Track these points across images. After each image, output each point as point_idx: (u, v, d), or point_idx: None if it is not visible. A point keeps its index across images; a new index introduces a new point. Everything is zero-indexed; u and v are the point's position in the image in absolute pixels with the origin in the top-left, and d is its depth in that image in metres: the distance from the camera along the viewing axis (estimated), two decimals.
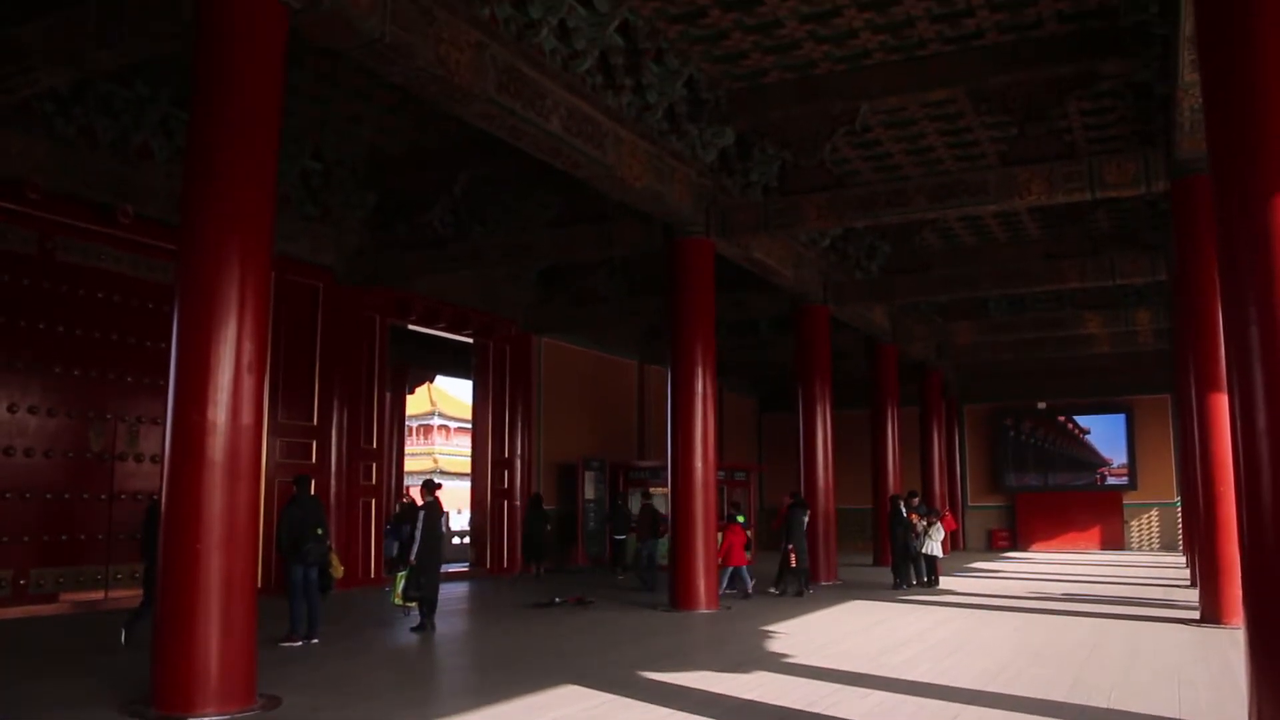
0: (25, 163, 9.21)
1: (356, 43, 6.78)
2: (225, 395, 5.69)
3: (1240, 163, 4.39)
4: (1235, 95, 4.42)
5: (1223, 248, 4.52)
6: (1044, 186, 9.95)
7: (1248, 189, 4.34)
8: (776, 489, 25.13)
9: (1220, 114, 4.54)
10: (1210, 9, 4.60)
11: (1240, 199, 4.38)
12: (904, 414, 19.40)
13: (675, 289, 11.25)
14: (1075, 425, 24.99)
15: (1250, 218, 4.31)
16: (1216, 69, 4.57)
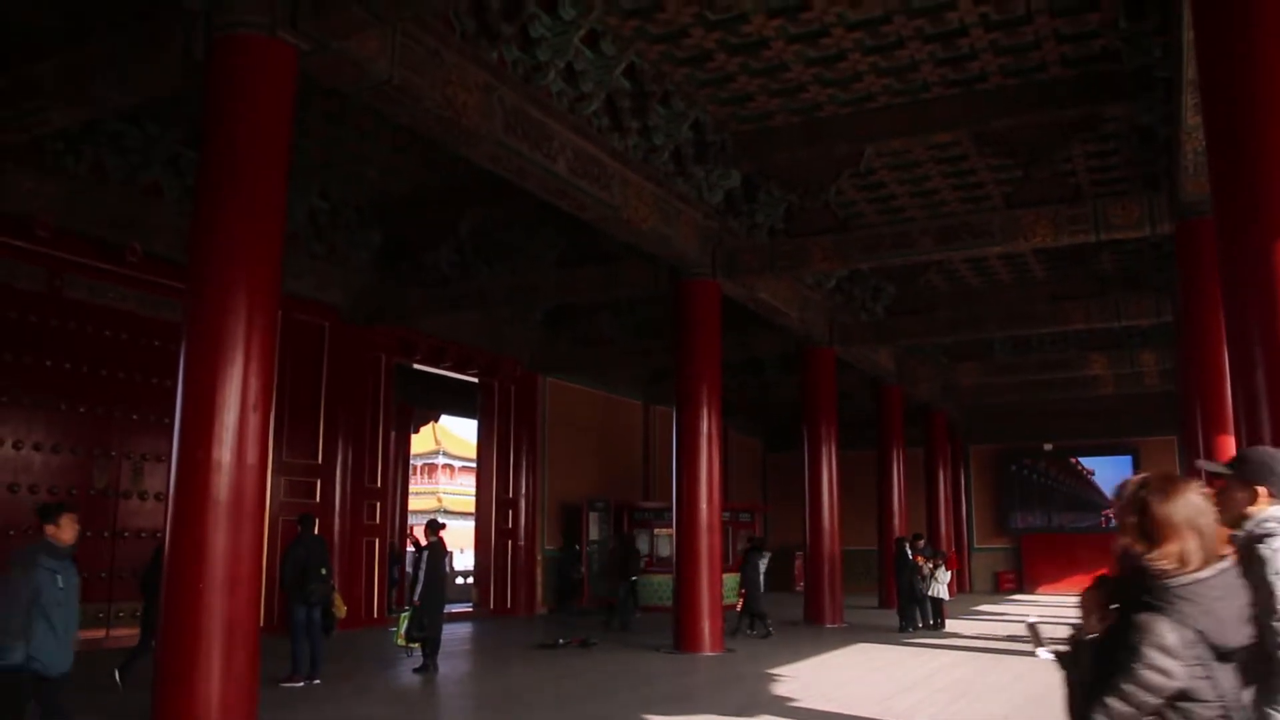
0: (36, 200, 9.29)
1: (365, 84, 6.85)
2: (230, 434, 5.70)
3: (1243, 206, 4.41)
4: (1237, 139, 4.45)
5: (1227, 291, 4.52)
6: (1049, 229, 9.99)
7: (1251, 232, 4.35)
8: (782, 530, 25.00)
9: (1223, 158, 4.56)
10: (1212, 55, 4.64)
11: (1244, 242, 4.39)
12: (909, 455, 19.32)
13: (681, 330, 11.28)
14: (1081, 467, 24.89)
15: (1254, 262, 4.31)
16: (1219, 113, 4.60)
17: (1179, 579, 1.87)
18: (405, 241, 13.21)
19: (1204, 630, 1.84)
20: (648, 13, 8.35)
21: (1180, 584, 1.87)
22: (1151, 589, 1.88)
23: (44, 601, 4.56)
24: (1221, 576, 1.91)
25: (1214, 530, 1.96)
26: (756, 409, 23.79)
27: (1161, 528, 1.93)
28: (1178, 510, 1.95)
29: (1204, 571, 1.89)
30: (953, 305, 15.87)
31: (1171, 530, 1.92)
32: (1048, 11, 8.34)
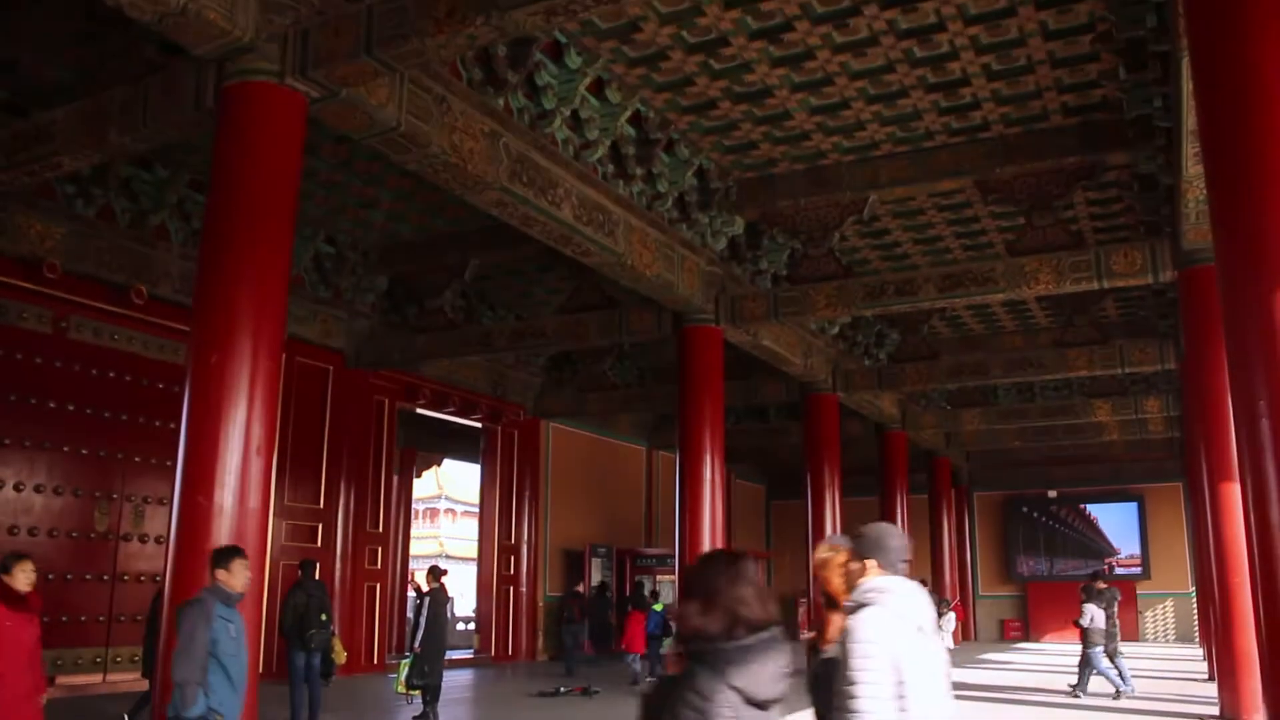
0: (45, 243, 9.38)
1: (372, 131, 6.92)
2: (233, 478, 5.68)
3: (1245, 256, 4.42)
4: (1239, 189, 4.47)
5: (1230, 341, 4.52)
6: (1052, 276, 10.01)
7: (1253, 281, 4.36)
8: (785, 577, 24.83)
9: (1224, 207, 4.58)
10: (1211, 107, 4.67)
11: (1246, 291, 4.39)
12: (913, 502, 19.23)
13: (684, 376, 11.27)
14: (1087, 514, 24.75)
15: (1257, 312, 4.31)
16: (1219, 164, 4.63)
17: (726, 644, 2.27)
18: (410, 286, 13.27)
19: (740, 686, 2.23)
20: (653, 61, 8.45)
21: (724, 647, 2.27)
22: (701, 648, 2.28)
23: (219, 652, 4.44)
24: (764, 643, 2.31)
25: (763, 601, 2.35)
26: (760, 455, 23.72)
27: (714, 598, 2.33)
28: (729, 585, 2.35)
29: (748, 640, 2.29)
30: (956, 352, 15.87)
31: (722, 601, 2.32)
32: (1049, 62, 8.43)
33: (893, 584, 2.97)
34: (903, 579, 2.99)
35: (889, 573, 3.00)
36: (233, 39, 6.02)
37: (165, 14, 5.72)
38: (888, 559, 3.01)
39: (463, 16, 5.74)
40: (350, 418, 13.12)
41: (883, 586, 2.96)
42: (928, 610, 2.95)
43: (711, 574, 2.41)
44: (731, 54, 8.33)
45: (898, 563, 3.02)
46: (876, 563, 3.02)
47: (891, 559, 3.02)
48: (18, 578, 4.85)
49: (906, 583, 2.99)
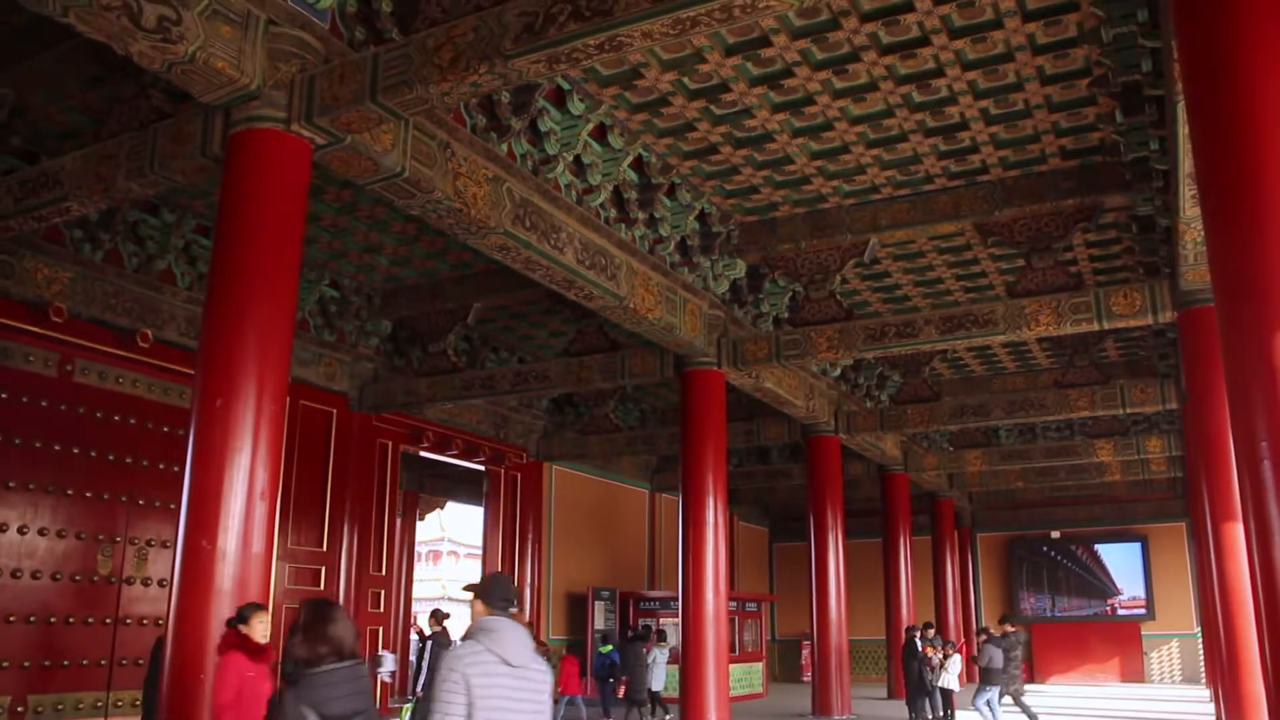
0: (51, 286, 9.44)
1: (377, 177, 6.99)
2: (236, 522, 5.68)
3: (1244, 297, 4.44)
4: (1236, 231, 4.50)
5: (1231, 382, 4.53)
6: (1052, 317, 10.05)
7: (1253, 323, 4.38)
8: (789, 620, 24.68)
9: (1222, 249, 4.61)
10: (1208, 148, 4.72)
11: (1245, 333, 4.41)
12: (917, 543, 19.17)
13: (687, 419, 11.29)
14: (1090, 554, 24.61)
15: (1257, 353, 4.33)
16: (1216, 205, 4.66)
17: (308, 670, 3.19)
18: (414, 330, 13.32)
19: (314, 704, 3.14)
20: (654, 107, 8.55)
21: (307, 674, 3.19)
22: (290, 672, 3.22)
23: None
24: (342, 670, 3.25)
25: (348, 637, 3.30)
26: (763, 497, 23.67)
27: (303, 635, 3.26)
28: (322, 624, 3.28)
29: (325, 666, 3.22)
30: (958, 393, 15.91)
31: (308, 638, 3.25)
32: (1046, 106, 8.54)
33: (494, 623, 3.53)
34: (503, 619, 3.55)
35: (495, 613, 3.56)
36: (240, 87, 6.10)
37: (174, 62, 5.80)
38: (492, 602, 3.59)
39: (466, 64, 5.83)
40: (354, 461, 13.11)
41: (485, 625, 3.53)
42: (522, 646, 3.51)
43: (310, 615, 3.34)
44: (732, 100, 8.43)
45: (500, 604, 3.59)
46: (484, 605, 3.61)
47: (495, 601, 3.59)
48: (255, 628, 4.86)
49: (506, 622, 3.55)
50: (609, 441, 16.83)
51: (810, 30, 7.59)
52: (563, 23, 5.58)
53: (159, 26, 5.56)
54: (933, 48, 7.77)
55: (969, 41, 7.71)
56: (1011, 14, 7.41)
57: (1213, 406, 8.90)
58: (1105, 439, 17.52)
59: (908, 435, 17.93)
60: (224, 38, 5.93)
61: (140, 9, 5.45)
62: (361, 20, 6.84)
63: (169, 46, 5.67)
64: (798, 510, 22.39)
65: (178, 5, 5.65)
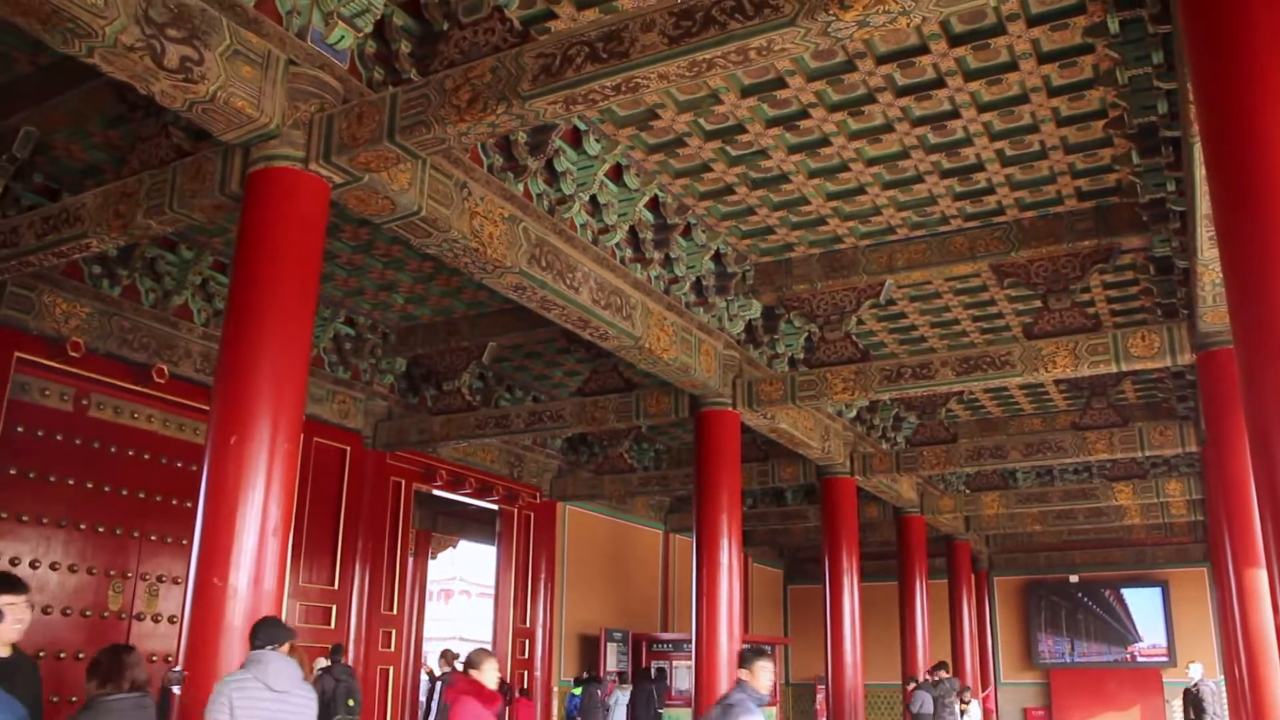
0: (70, 322, 9.52)
1: (394, 216, 7.02)
2: (248, 559, 5.65)
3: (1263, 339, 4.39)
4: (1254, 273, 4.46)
5: (1251, 425, 4.47)
6: (1069, 359, 9.99)
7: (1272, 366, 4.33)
8: (804, 663, 24.41)
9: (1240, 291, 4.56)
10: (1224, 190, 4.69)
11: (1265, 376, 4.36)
12: (933, 587, 18.94)
13: (701, 459, 11.22)
14: (1109, 599, 24.29)
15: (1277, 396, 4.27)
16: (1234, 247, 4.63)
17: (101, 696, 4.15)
18: (428, 368, 13.35)
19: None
20: (671, 148, 8.59)
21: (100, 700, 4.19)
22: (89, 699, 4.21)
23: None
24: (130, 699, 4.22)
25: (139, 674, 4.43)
26: (778, 539, 23.51)
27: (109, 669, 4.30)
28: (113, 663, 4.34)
29: (115, 696, 4.21)
30: (974, 435, 15.80)
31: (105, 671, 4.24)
32: (1062, 147, 8.53)
33: (262, 655, 4.49)
34: (271, 652, 4.52)
35: (265, 648, 4.52)
36: (259, 126, 6.15)
37: (195, 101, 5.86)
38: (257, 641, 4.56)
39: (484, 105, 5.85)
40: (367, 499, 13.09)
41: (254, 658, 4.50)
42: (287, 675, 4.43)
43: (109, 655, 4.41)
44: (748, 140, 8.46)
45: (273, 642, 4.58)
46: (252, 642, 4.57)
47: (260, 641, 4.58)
48: (486, 675, 4.85)
49: (275, 655, 4.51)
50: (623, 482, 16.76)
51: (826, 72, 7.62)
52: (580, 64, 5.61)
53: (181, 66, 5.62)
54: (948, 89, 7.79)
55: (984, 83, 7.73)
56: (1026, 56, 7.42)
57: (1233, 449, 8.79)
58: (1124, 482, 17.33)
59: (924, 477, 17.79)
60: (244, 77, 5.99)
61: (163, 49, 5.51)
62: (380, 60, 6.92)
63: (190, 86, 5.73)
64: (813, 552, 22.23)
65: (200, 46, 5.72)
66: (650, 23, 5.46)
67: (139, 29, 5.38)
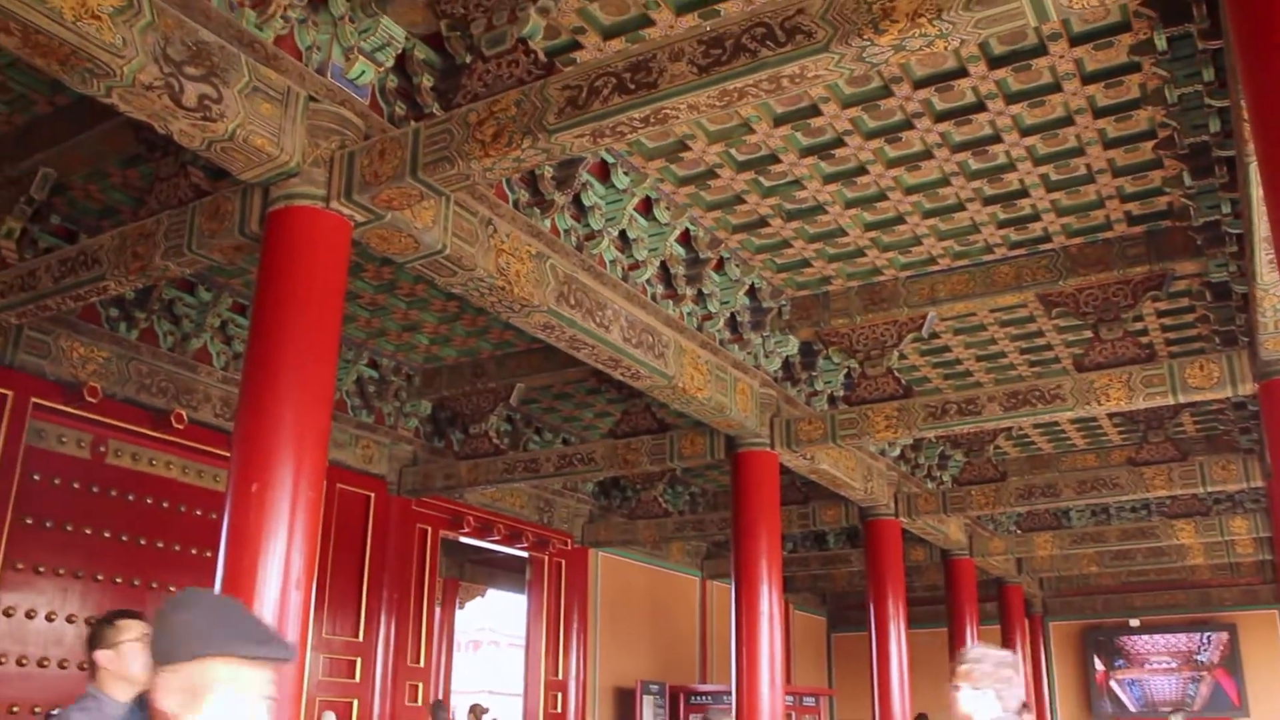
0: (87, 366, 9.39)
1: (418, 254, 6.83)
2: (270, 611, 5.42)
3: None
4: None
5: None
6: (1123, 392, 9.59)
7: None
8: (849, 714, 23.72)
9: None
10: None
11: None
12: (984, 632, 18.32)
13: (739, 503, 10.88)
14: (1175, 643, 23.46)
15: None
16: None
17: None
18: (454, 410, 13.11)
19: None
20: (702, 179, 8.37)
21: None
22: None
23: None
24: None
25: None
26: (820, 584, 23.05)
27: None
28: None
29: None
30: (1025, 473, 15.39)
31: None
32: (1110, 170, 8.23)
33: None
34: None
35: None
36: (279, 164, 6.00)
37: (214, 140, 5.72)
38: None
39: (509, 139, 5.68)
40: (392, 547, 12.81)
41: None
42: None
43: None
44: (782, 171, 8.22)
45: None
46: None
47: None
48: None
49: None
50: (657, 527, 16.40)
51: (861, 98, 7.39)
52: (607, 96, 5.43)
53: (199, 105, 5.49)
54: (989, 113, 7.54)
55: (1026, 106, 7.47)
56: (1070, 77, 7.16)
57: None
58: (1185, 519, 16.72)
59: (972, 518, 17.30)
60: (264, 115, 5.84)
61: (181, 88, 5.39)
62: (402, 95, 6.77)
63: (209, 125, 5.60)
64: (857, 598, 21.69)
65: (218, 84, 5.59)
66: (679, 52, 5.29)
67: (157, 67, 5.27)
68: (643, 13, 6.61)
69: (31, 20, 4.80)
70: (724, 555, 18.67)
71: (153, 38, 5.25)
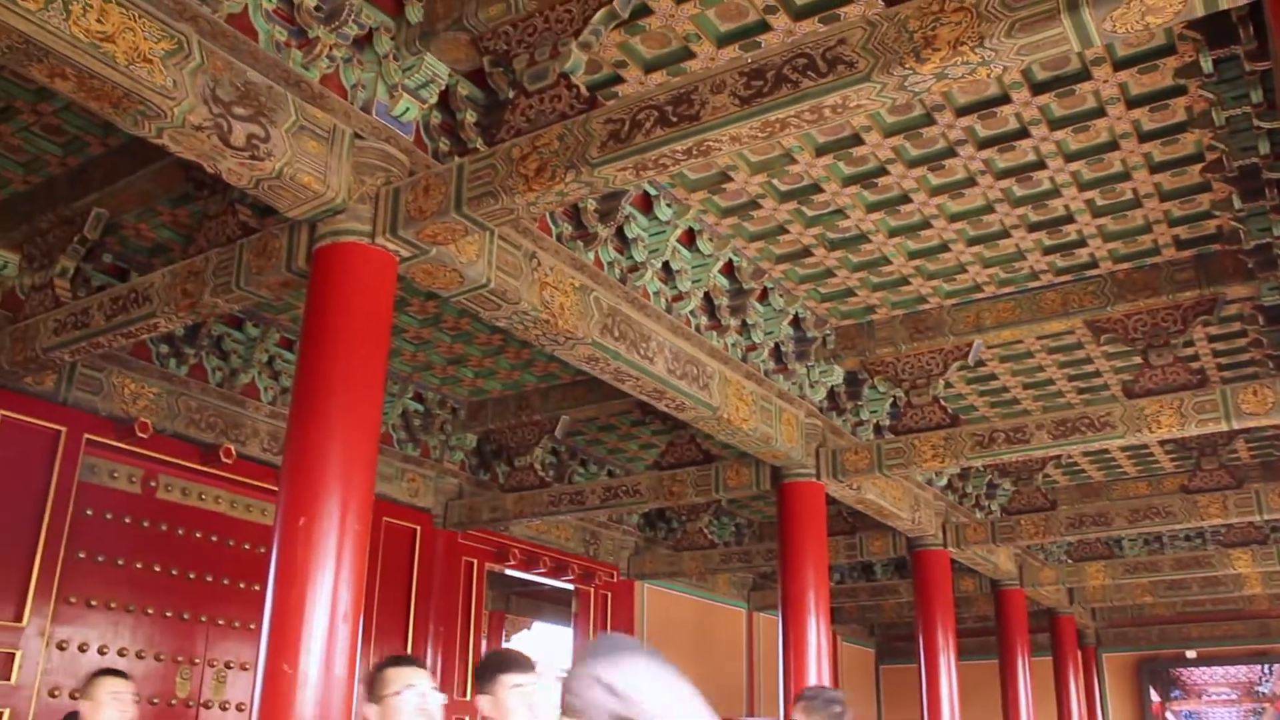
0: (137, 402, 9.55)
1: (462, 289, 6.87)
2: (319, 645, 5.43)
3: None
4: None
5: None
6: (1175, 418, 9.41)
7: None
8: None
9: None
10: None
11: None
12: (1036, 664, 17.97)
13: (785, 534, 10.78)
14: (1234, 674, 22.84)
15: None
16: None
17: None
18: (500, 443, 13.14)
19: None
20: (744, 210, 8.36)
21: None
22: None
23: None
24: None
25: None
26: (868, 616, 22.77)
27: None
28: None
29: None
30: (1075, 501, 15.10)
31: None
32: (1157, 194, 8.12)
33: None
34: None
35: None
36: (325, 201, 6.08)
37: (262, 178, 5.82)
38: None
39: (552, 173, 5.71)
40: (438, 579, 12.82)
41: None
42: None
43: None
44: (825, 200, 8.20)
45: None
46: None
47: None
48: None
49: None
50: (703, 558, 16.28)
51: (903, 126, 7.37)
52: (649, 129, 5.44)
53: (248, 144, 5.59)
54: (1033, 139, 7.48)
55: (1070, 131, 7.40)
56: (1114, 101, 7.10)
57: None
58: (1242, 548, 16.30)
59: (1022, 547, 17.00)
60: (310, 153, 5.94)
61: (230, 128, 5.49)
62: (445, 131, 6.84)
63: (257, 163, 5.69)
64: (905, 630, 21.42)
65: (266, 123, 5.69)
66: (720, 84, 5.30)
67: (206, 109, 5.38)
68: (683, 45, 6.66)
69: (86, 65, 4.92)
70: (771, 587, 18.49)
71: (202, 79, 5.36)
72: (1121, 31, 4.62)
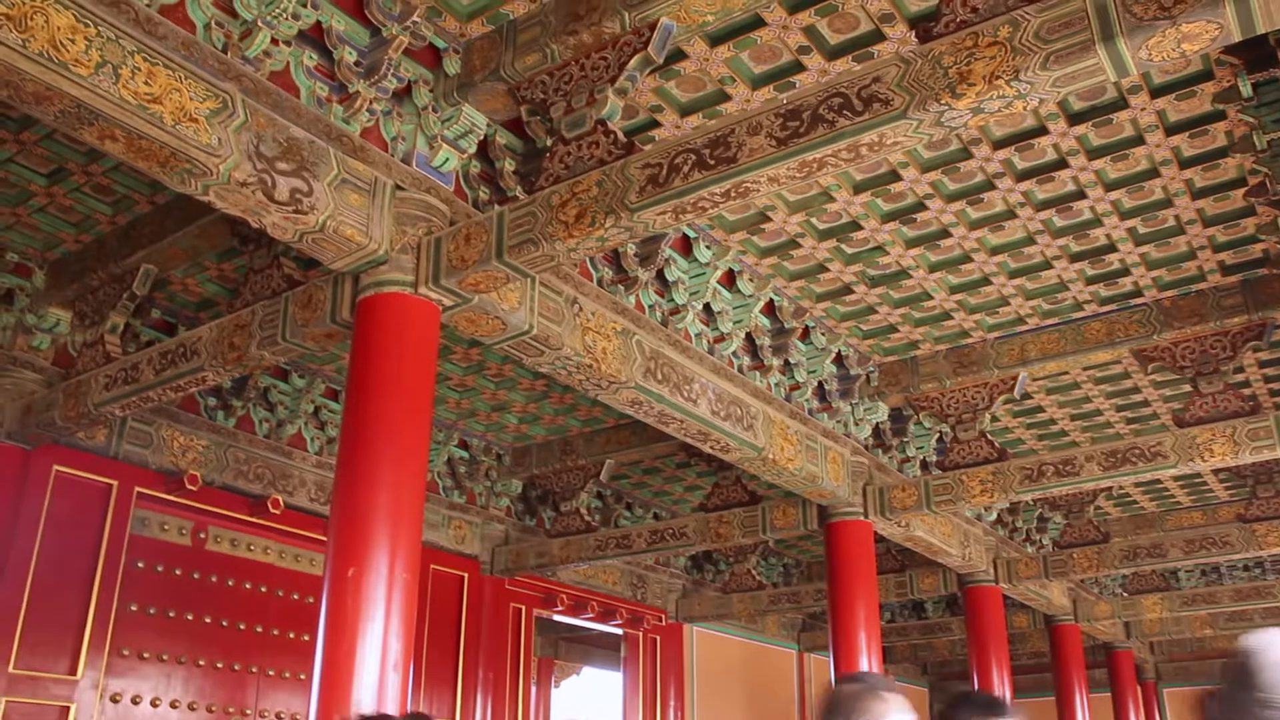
0: (186, 455, 9.67)
1: (505, 336, 6.91)
2: (369, 695, 5.43)
3: None
4: None
5: None
6: (1227, 446, 9.24)
7: None
8: None
9: None
10: None
11: None
12: (1095, 701, 17.56)
13: (834, 573, 10.67)
14: None
15: None
16: None
17: None
18: (545, 488, 13.15)
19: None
20: (784, 249, 8.37)
21: None
22: None
23: None
24: None
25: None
26: (920, 654, 22.38)
27: None
28: None
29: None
30: (1128, 533, 14.80)
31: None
32: (1200, 220, 8.03)
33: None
34: None
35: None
36: (368, 252, 6.15)
37: (305, 232, 5.90)
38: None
39: (592, 219, 5.74)
40: (486, 626, 12.79)
41: None
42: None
43: None
44: (864, 238, 8.19)
45: None
46: None
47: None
48: None
49: None
50: (752, 600, 16.12)
51: (941, 161, 7.37)
52: (687, 172, 5.47)
53: (291, 199, 5.68)
54: (1071, 169, 7.44)
55: (1109, 160, 7.36)
56: (1153, 129, 7.05)
57: None
58: None
59: (1076, 581, 16.68)
60: (352, 205, 6.02)
61: (274, 183, 5.58)
62: (485, 180, 6.92)
63: (300, 217, 5.78)
64: (959, 668, 21.02)
65: (308, 177, 5.77)
66: (757, 125, 5.32)
67: (250, 165, 5.47)
68: (719, 89, 6.71)
69: (135, 126, 5.04)
70: (821, 627, 18.27)
71: (246, 136, 5.47)
72: (1158, 60, 4.59)
